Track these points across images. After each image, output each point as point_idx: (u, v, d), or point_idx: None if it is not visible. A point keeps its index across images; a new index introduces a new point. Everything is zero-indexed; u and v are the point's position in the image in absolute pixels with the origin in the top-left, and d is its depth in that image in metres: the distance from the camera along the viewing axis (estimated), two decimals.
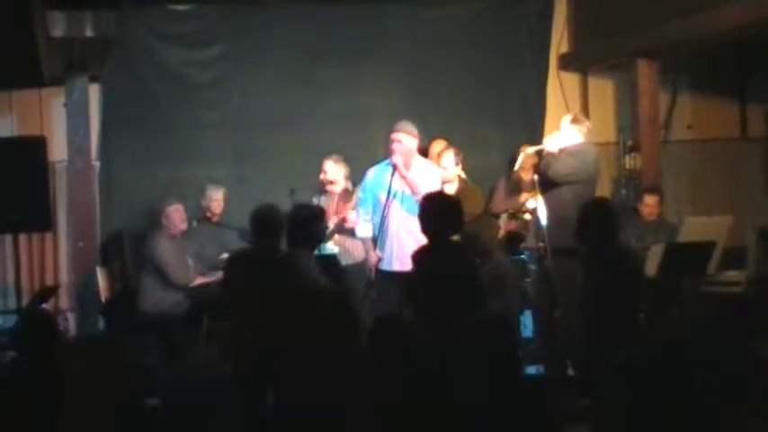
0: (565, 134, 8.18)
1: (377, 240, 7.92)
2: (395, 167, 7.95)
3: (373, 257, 7.93)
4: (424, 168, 8.17)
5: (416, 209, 7.23)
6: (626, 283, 6.47)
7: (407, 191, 7.92)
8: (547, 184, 8.01)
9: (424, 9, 10.64)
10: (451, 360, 5.60)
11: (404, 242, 7.75)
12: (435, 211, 6.73)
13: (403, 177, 7.93)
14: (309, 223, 6.96)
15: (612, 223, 6.63)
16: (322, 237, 7.33)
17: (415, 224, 7.13)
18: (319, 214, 7.17)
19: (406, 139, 8.07)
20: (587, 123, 8.38)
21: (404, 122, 8.17)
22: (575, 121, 8.30)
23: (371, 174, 8.21)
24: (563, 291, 7.65)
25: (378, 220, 7.97)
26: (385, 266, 7.91)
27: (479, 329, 4.82)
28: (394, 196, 7.90)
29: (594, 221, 6.62)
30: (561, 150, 8.04)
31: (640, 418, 4.15)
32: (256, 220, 6.90)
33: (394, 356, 4.94)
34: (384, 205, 7.86)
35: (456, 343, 5.44)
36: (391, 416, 4.65)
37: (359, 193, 8.37)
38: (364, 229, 8.16)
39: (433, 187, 7.90)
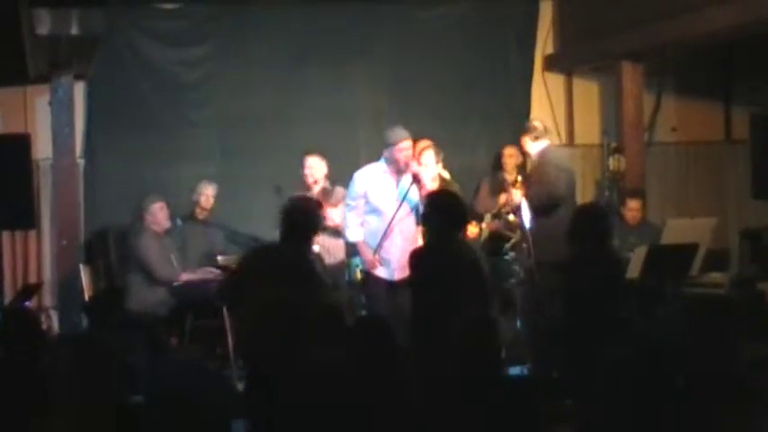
0: (533, 149, 8.42)
1: (374, 246, 7.76)
2: (416, 178, 7.83)
3: (374, 261, 7.76)
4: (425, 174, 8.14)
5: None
6: (612, 286, 6.51)
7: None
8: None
9: (410, 10, 10.67)
10: (436, 361, 5.61)
11: None
12: (442, 209, 6.71)
13: (423, 187, 7.84)
14: (307, 216, 6.90)
15: (604, 227, 6.69)
16: (318, 229, 7.21)
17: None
18: (316, 206, 7.11)
19: (410, 146, 7.97)
20: (536, 125, 8.65)
21: (401, 130, 8.00)
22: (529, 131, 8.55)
23: (364, 178, 8.00)
24: (548, 293, 7.67)
25: (376, 226, 7.83)
26: (384, 275, 7.76)
27: (460, 331, 4.83)
28: (415, 210, 7.80)
29: (587, 225, 6.66)
30: (530, 177, 8.24)
31: (624, 419, 4.17)
32: (292, 216, 6.82)
33: (375, 357, 4.94)
34: (393, 214, 7.70)
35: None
36: (372, 416, 4.65)
37: (347, 199, 8.16)
38: (356, 234, 7.97)
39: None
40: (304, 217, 6.87)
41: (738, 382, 4.39)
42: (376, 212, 7.87)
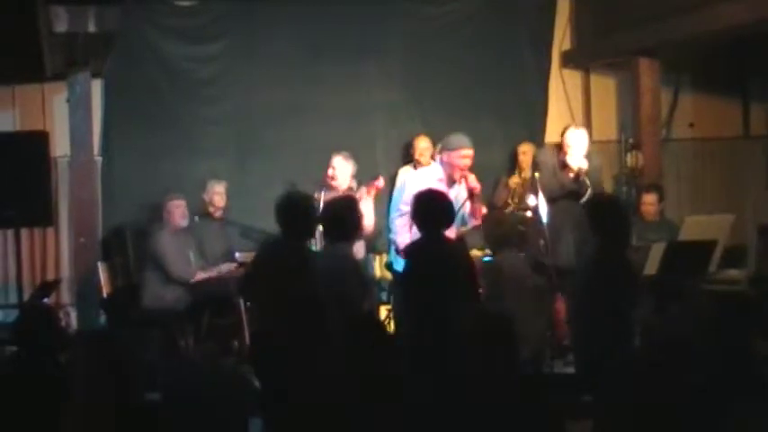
0: (578, 142, 8.42)
1: None
2: (472, 193, 7.78)
3: None
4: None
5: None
6: (630, 282, 6.48)
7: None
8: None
9: (425, 6, 10.65)
10: (448, 357, 5.60)
11: None
12: (429, 207, 6.70)
13: (476, 202, 7.79)
14: (350, 216, 6.86)
15: (624, 222, 6.66)
16: (358, 229, 7.06)
17: None
18: (355, 205, 7.04)
19: (471, 155, 7.86)
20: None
21: (463, 136, 7.90)
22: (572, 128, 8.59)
23: (420, 184, 7.67)
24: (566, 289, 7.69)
25: None
26: None
27: (476, 327, 4.82)
28: (460, 220, 7.70)
29: (607, 218, 6.63)
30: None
31: (641, 415, 4.16)
32: (291, 209, 6.71)
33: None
34: None
35: (450, 338, 5.44)
36: (387, 416, 4.65)
37: (400, 204, 7.85)
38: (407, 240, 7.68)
39: None
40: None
41: (755, 380, 4.37)
42: None
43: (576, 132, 8.60)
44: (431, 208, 6.69)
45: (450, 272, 6.46)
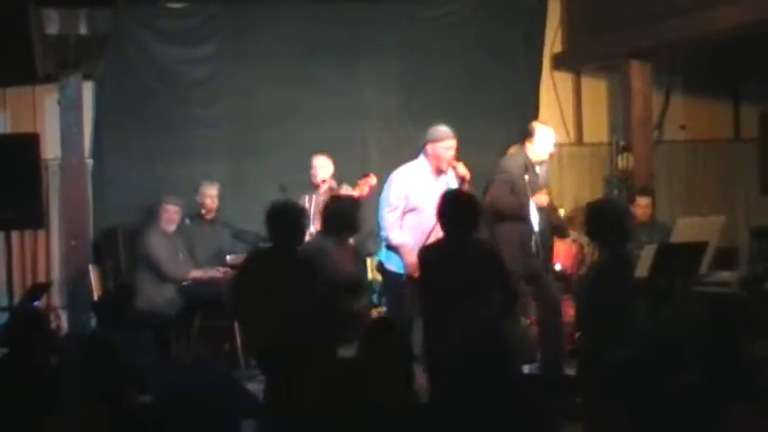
0: (546, 140, 8.36)
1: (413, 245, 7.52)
2: (463, 180, 7.78)
3: (416, 265, 7.17)
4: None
5: None
6: (623, 284, 6.49)
7: None
8: None
9: (418, 8, 10.67)
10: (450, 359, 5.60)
11: None
12: (456, 208, 6.65)
13: (468, 189, 7.80)
14: (350, 213, 6.96)
15: (623, 224, 6.66)
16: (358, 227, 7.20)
17: None
18: (357, 205, 7.17)
19: (454, 145, 7.88)
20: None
21: (445, 127, 7.90)
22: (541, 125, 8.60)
23: (406, 179, 7.84)
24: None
25: (415, 224, 7.67)
26: None
27: (468, 329, 4.82)
28: None
29: (605, 221, 6.62)
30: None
31: (633, 418, 4.16)
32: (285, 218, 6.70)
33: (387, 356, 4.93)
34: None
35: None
36: (385, 415, 4.65)
37: (390, 199, 7.88)
38: (399, 236, 7.74)
39: None
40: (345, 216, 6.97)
41: (747, 382, 4.37)
42: (414, 211, 7.75)
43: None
44: (456, 209, 6.62)
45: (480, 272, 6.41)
